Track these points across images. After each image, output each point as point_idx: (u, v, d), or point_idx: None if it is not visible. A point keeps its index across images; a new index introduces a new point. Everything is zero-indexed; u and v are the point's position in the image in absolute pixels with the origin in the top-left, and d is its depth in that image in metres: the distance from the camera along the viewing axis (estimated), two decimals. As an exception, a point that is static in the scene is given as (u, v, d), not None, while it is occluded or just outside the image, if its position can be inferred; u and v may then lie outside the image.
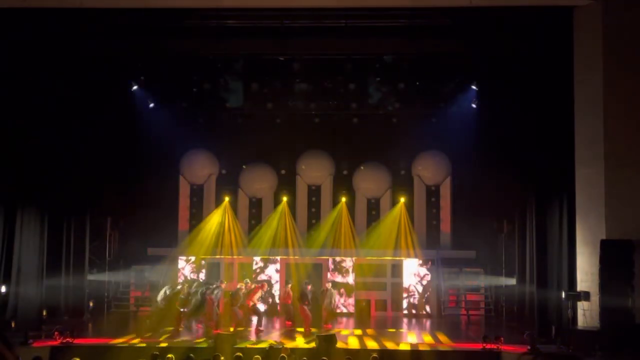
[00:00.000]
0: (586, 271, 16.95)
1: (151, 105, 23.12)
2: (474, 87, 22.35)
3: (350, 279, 22.68)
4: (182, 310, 19.09)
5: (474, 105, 22.58)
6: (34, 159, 19.29)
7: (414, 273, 22.70)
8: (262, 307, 21.26)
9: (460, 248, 23.16)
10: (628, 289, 15.96)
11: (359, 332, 19.06)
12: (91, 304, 21.49)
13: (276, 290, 22.61)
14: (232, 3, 18.34)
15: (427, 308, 22.55)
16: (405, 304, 22.59)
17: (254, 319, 19.46)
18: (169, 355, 12.66)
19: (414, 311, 22.43)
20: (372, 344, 17.02)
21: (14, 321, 17.92)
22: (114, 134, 21.82)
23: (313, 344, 16.26)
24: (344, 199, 23.61)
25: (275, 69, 22.05)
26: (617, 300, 15.93)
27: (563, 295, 17.29)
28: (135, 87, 22.54)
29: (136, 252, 22.95)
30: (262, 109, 23.30)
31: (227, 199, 23.54)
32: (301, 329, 18.78)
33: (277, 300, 22.28)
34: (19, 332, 16.58)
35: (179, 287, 19.80)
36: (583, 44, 17.43)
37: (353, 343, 17.21)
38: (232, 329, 18.44)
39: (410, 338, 18.31)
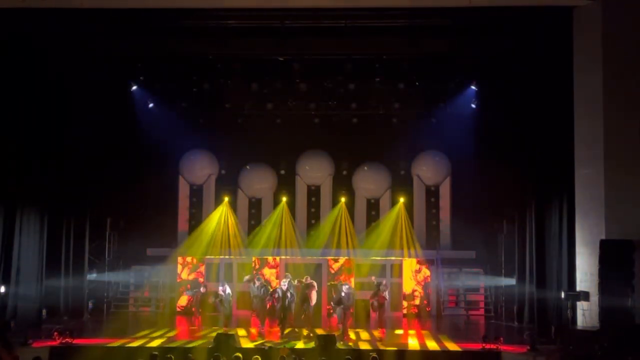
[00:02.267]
0: (586, 271, 16.95)
1: (151, 105, 23.12)
2: (473, 87, 22.35)
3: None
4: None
5: (473, 105, 22.58)
6: (34, 159, 19.29)
7: (413, 274, 22.65)
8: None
9: (460, 248, 23.15)
10: (628, 289, 15.97)
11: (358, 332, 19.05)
12: (91, 304, 21.50)
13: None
14: (232, 3, 18.35)
15: (427, 308, 22.51)
16: (405, 304, 22.57)
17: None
18: (169, 356, 12.66)
19: (415, 310, 22.34)
20: (371, 344, 16.98)
21: (14, 321, 17.90)
22: (114, 134, 21.85)
23: (312, 344, 16.26)
24: (343, 199, 23.58)
25: (275, 69, 22.02)
26: (617, 300, 15.93)
27: (563, 295, 17.31)
28: (135, 87, 22.54)
29: (136, 252, 22.92)
30: (262, 109, 23.27)
31: (226, 199, 23.52)
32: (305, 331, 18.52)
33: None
34: (19, 333, 16.57)
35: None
36: (582, 44, 17.43)
37: (353, 343, 17.20)
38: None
39: (410, 338, 18.30)
